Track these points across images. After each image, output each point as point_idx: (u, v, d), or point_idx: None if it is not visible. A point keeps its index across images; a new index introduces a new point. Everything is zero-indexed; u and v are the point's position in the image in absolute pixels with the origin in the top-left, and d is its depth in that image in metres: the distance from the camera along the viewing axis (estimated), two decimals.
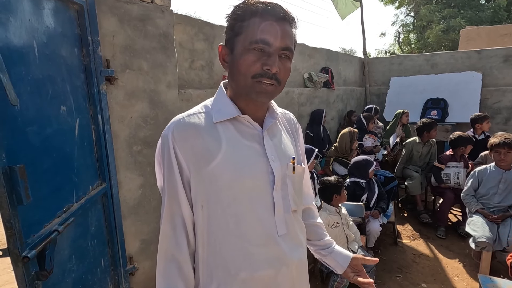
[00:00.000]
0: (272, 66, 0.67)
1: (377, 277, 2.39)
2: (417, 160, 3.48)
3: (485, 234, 2.19)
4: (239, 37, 0.69)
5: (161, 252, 0.75)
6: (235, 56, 0.70)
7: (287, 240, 0.76)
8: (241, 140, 0.73)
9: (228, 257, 0.72)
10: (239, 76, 0.70)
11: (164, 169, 0.73)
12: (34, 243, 1.00)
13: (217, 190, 0.71)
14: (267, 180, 0.74)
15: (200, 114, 0.74)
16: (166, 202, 0.74)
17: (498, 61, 4.86)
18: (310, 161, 2.32)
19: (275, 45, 0.67)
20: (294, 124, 0.91)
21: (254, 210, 0.73)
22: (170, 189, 0.73)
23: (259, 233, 0.73)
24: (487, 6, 13.46)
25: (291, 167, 0.78)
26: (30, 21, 1.06)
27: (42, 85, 1.11)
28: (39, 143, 1.08)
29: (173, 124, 0.73)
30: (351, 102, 5.64)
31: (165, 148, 0.72)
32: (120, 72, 1.65)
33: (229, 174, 0.70)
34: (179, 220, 0.73)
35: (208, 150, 0.70)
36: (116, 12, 1.60)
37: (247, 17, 0.68)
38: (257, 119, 0.77)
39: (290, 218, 0.78)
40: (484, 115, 3.57)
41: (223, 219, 0.72)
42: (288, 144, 0.83)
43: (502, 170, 2.40)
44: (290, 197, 0.78)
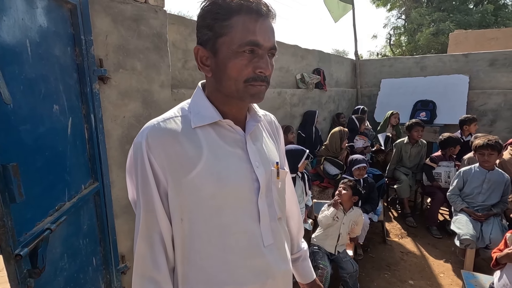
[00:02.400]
0: (265, 69, 0.63)
1: (366, 274, 2.45)
2: (407, 161, 3.53)
3: (469, 232, 2.27)
4: (223, 38, 0.62)
5: (137, 274, 0.68)
6: (221, 60, 0.64)
7: (274, 250, 0.73)
8: (223, 146, 0.68)
9: (211, 272, 0.67)
10: (228, 81, 0.64)
11: (138, 181, 0.66)
12: (27, 241, 1.01)
13: (198, 201, 0.65)
14: (251, 188, 0.70)
15: (176, 118, 0.68)
16: (142, 217, 0.66)
17: (484, 64, 5.00)
18: (301, 162, 2.36)
19: (265, 45, 0.63)
20: (275, 126, 0.88)
21: (238, 221, 0.68)
22: (146, 202, 0.66)
23: (244, 245, 0.69)
24: (475, 11, 13.80)
25: (275, 172, 0.74)
26: (23, 20, 1.07)
27: (35, 84, 1.12)
28: (32, 142, 1.09)
29: (147, 130, 0.65)
30: (343, 103, 5.72)
31: (138, 157, 0.65)
32: (113, 71, 1.65)
33: (211, 183, 0.65)
34: (156, 237, 0.67)
35: (188, 158, 0.64)
36: (109, 12, 1.60)
37: (229, 16, 0.61)
38: (239, 122, 0.72)
39: (276, 227, 0.75)
40: (472, 117, 3.68)
41: (205, 231, 0.67)
42: (271, 148, 0.79)
43: (485, 171, 2.49)
44: (275, 204, 0.75)
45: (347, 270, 2.09)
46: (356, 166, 2.75)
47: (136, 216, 0.69)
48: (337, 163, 3.26)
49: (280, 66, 4.02)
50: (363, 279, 2.39)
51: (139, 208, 0.67)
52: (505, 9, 14.27)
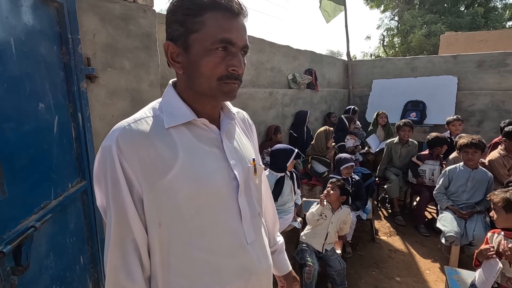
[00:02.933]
0: (239, 67, 0.63)
1: (355, 272, 2.49)
2: (397, 161, 3.57)
3: (454, 229, 2.32)
4: (195, 35, 0.61)
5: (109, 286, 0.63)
6: (193, 57, 0.62)
7: (256, 247, 0.74)
8: (199, 146, 0.66)
9: (193, 275, 0.65)
10: (201, 78, 0.63)
11: (109, 187, 0.62)
12: (10, 239, 1.01)
13: (176, 204, 0.63)
14: (230, 187, 0.69)
15: (148, 118, 0.65)
16: (113, 225, 0.63)
17: (472, 66, 5.10)
18: (289, 161, 2.39)
19: (238, 44, 0.62)
20: (249, 123, 0.88)
21: (219, 221, 0.67)
22: (117, 209, 0.62)
23: (227, 244, 0.68)
24: (466, 13, 14.06)
25: (253, 169, 0.75)
26: (7, 18, 1.07)
27: (20, 82, 1.12)
28: (16, 140, 1.09)
29: (117, 133, 0.61)
30: (335, 104, 5.77)
31: (107, 162, 0.61)
32: (101, 70, 1.66)
33: (189, 185, 0.63)
34: (130, 245, 0.63)
35: (163, 160, 0.62)
36: (97, 11, 1.61)
37: (201, 12, 0.60)
38: (213, 121, 0.71)
39: (257, 223, 0.75)
40: (456, 118, 3.75)
41: (185, 235, 0.65)
42: (247, 145, 0.80)
43: (470, 170, 2.55)
44: (254, 200, 0.75)
45: (334, 268, 2.12)
46: (345, 165, 2.79)
47: (107, 225, 0.65)
48: (324, 161, 3.30)
49: (271, 66, 4.05)
50: (352, 277, 2.42)
51: (110, 215, 0.63)
52: (494, 12, 14.56)
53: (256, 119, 3.62)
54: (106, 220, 0.66)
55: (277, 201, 2.41)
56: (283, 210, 2.42)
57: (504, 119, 3.87)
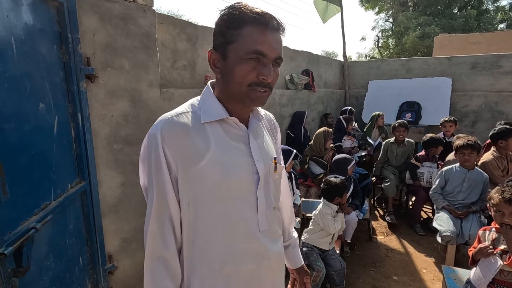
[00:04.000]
0: (268, 76, 0.70)
1: (352, 271, 2.51)
2: (393, 160, 3.61)
3: (450, 228, 2.35)
4: (233, 45, 0.70)
5: (149, 252, 0.75)
6: (229, 64, 0.71)
7: (268, 235, 0.81)
8: (228, 141, 0.75)
9: (213, 254, 0.75)
10: (233, 83, 0.72)
11: (152, 169, 0.72)
12: (11, 240, 1.00)
13: (204, 190, 0.73)
14: (252, 180, 0.77)
15: (187, 113, 0.75)
16: (155, 201, 0.73)
17: (466, 67, 5.18)
18: (288, 162, 2.40)
19: (270, 56, 0.69)
20: (274, 124, 0.96)
21: (238, 209, 0.76)
22: (159, 188, 0.72)
23: (243, 230, 0.77)
24: (459, 15, 14.24)
25: (273, 166, 0.83)
26: (8, 17, 1.06)
27: (20, 82, 1.11)
28: (17, 140, 1.08)
29: (162, 123, 0.72)
30: (331, 104, 5.81)
31: (152, 147, 0.71)
32: (101, 70, 1.65)
33: (217, 174, 0.72)
34: (166, 219, 0.73)
35: (197, 150, 0.71)
36: (97, 10, 1.60)
37: (240, 26, 0.68)
38: (243, 120, 0.79)
39: (271, 215, 0.83)
40: (449, 119, 3.81)
41: (209, 217, 0.74)
42: (270, 144, 0.87)
43: (466, 170, 2.59)
44: (271, 195, 0.83)
45: (335, 267, 2.14)
46: (351, 164, 2.81)
47: (148, 201, 0.75)
48: (321, 163, 3.32)
49: None
50: (350, 276, 2.44)
51: (152, 193, 0.73)
52: (487, 14, 14.79)
53: None
54: (147, 198, 0.76)
55: None
56: None
57: (497, 120, 3.94)
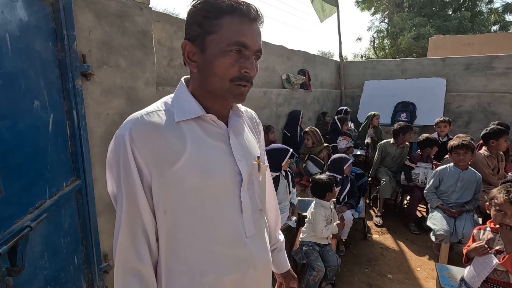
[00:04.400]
0: (251, 70, 0.66)
1: (348, 269, 2.53)
2: (390, 161, 3.60)
3: (443, 227, 2.39)
4: (212, 36, 0.64)
5: (119, 266, 0.67)
6: (208, 57, 0.66)
7: (255, 240, 0.76)
8: (206, 140, 0.70)
9: (194, 262, 0.69)
10: (214, 78, 0.66)
11: (121, 174, 0.66)
12: (5, 239, 0.98)
13: (182, 193, 0.67)
14: (234, 181, 0.72)
15: (160, 112, 0.68)
16: (124, 210, 0.66)
17: (460, 68, 5.25)
18: (284, 161, 2.40)
19: (252, 47, 0.65)
20: (256, 122, 0.91)
21: (222, 212, 0.70)
22: (129, 195, 0.66)
23: (227, 235, 0.71)
24: (454, 17, 14.41)
25: (257, 166, 0.77)
26: (2, 13, 1.04)
27: (15, 79, 1.09)
28: (11, 138, 1.06)
29: (130, 123, 0.65)
30: (327, 104, 5.83)
31: (120, 150, 0.65)
32: (96, 68, 1.63)
33: (196, 175, 0.66)
34: (139, 229, 0.67)
35: (172, 151, 0.65)
36: (93, 8, 1.58)
37: (220, 15, 0.64)
38: (222, 118, 0.74)
39: (257, 218, 0.77)
40: (443, 119, 3.85)
41: (189, 223, 0.68)
42: (253, 142, 0.82)
43: (459, 170, 2.62)
44: (256, 196, 0.77)
45: (330, 263, 2.16)
46: (347, 163, 2.83)
47: (117, 209, 0.68)
48: (318, 163, 3.34)
49: (266, 66, 4.06)
50: (345, 274, 2.46)
51: (121, 200, 0.67)
52: (481, 16, 14.99)
53: None
54: (116, 206, 0.69)
55: None
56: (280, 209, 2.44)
57: (491, 120, 4.00)
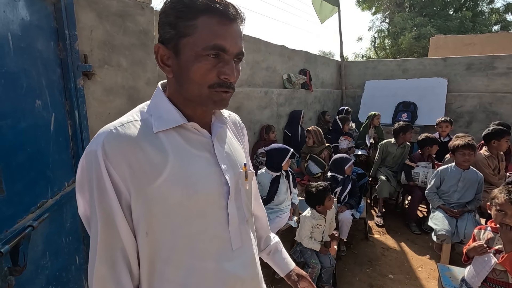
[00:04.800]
0: (230, 75, 0.60)
1: (349, 269, 2.53)
2: (391, 161, 3.59)
3: (445, 227, 2.38)
4: (186, 39, 0.58)
5: None
6: (184, 62, 0.60)
7: (242, 254, 0.71)
8: (189, 150, 0.64)
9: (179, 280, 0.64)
10: (191, 84, 0.61)
11: (94, 194, 0.58)
12: (7, 238, 0.98)
13: (165, 211, 0.61)
14: (221, 192, 0.67)
15: (135, 122, 0.62)
16: (100, 235, 0.59)
17: (461, 68, 5.24)
18: (285, 161, 2.40)
19: (231, 51, 0.60)
20: (240, 126, 0.85)
21: (208, 227, 0.65)
22: (105, 218, 0.59)
23: (213, 250, 0.66)
24: (455, 17, 14.39)
25: (244, 174, 0.73)
26: (4, 12, 1.04)
27: (17, 78, 1.09)
28: (13, 137, 1.06)
29: (103, 137, 0.58)
30: (328, 104, 5.83)
31: (93, 167, 0.57)
32: (98, 67, 1.63)
33: (179, 191, 0.61)
34: (118, 255, 0.60)
35: (152, 165, 0.59)
36: (94, 7, 1.58)
37: (195, 15, 0.57)
38: (204, 125, 0.69)
39: (244, 229, 0.73)
40: (444, 119, 3.84)
41: (172, 242, 0.62)
42: (239, 149, 0.77)
43: (461, 170, 2.62)
44: (244, 206, 0.73)
45: (323, 264, 2.16)
46: (348, 164, 2.82)
47: (92, 235, 0.61)
48: (320, 162, 3.33)
49: (267, 65, 4.06)
50: (346, 274, 2.46)
51: (96, 225, 0.59)
52: (482, 16, 14.96)
53: (251, 118, 3.62)
54: (89, 230, 0.62)
55: (274, 200, 2.42)
56: (279, 209, 2.44)
57: (492, 120, 4.00)
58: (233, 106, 3.17)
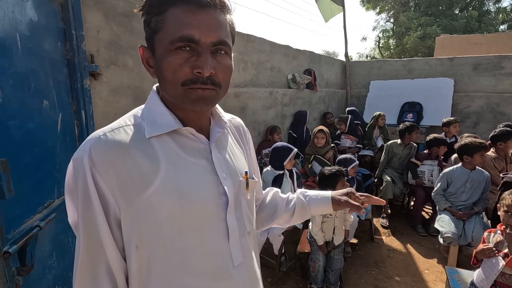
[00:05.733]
0: (203, 68, 0.53)
1: (354, 271, 2.51)
2: (396, 162, 3.56)
3: (451, 230, 2.35)
4: (158, 34, 0.55)
5: None
6: (157, 60, 0.56)
7: (243, 270, 0.65)
8: (184, 157, 0.59)
9: None
10: (166, 84, 0.57)
11: (79, 203, 0.55)
12: (15, 238, 0.99)
13: (156, 224, 0.56)
14: (219, 203, 0.62)
15: (127, 127, 0.58)
16: (83, 246, 0.55)
17: (468, 68, 5.18)
18: (287, 160, 2.39)
19: (203, 40, 0.53)
20: (243, 131, 0.79)
21: (204, 241, 0.60)
22: (88, 229, 0.55)
23: (211, 267, 0.61)
24: (461, 16, 14.26)
25: (244, 183, 0.67)
26: (13, 13, 1.05)
27: (25, 78, 1.10)
28: (21, 138, 1.07)
29: (90, 143, 0.54)
30: (333, 104, 5.80)
31: (79, 176, 0.54)
32: (104, 67, 1.64)
33: (171, 202, 0.56)
34: (102, 268, 0.56)
35: (142, 174, 0.55)
36: (101, 7, 1.59)
37: (164, 8, 0.53)
38: (202, 129, 0.64)
39: (245, 243, 0.67)
40: (452, 119, 3.80)
41: (165, 257, 0.58)
42: (239, 156, 0.72)
43: (468, 171, 2.58)
44: (245, 218, 0.68)
45: (332, 267, 2.15)
46: (351, 165, 2.80)
47: (76, 244, 0.58)
48: (324, 163, 3.32)
49: (271, 66, 4.05)
50: (351, 276, 2.44)
51: (79, 234, 0.56)
52: (488, 15, 14.80)
53: (256, 119, 3.61)
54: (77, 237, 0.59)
55: None
56: None
57: (499, 121, 3.94)
58: (238, 106, 3.16)
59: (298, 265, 2.48)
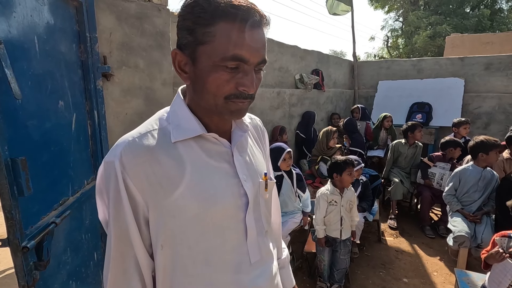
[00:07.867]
0: (250, 87, 0.56)
1: (362, 272, 2.50)
2: (402, 162, 3.55)
3: (465, 229, 2.33)
4: (204, 47, 0.55)
5: None
6: (200, 71, 0.57)
7: (260, 267, 0.69)
8: (207, 161, 0.62)
9: None
10: (206, 94, 0.58)
11: (110, 204, 0.59)
12: (33, 234, 1.03)
13: (182, 225, 0.59)
14: (239, 204, 0.65)
15: (154, 132, 0.60)
16: (113, 243, 0.60)
17: (480, 68, 5.08)
18: (280, 160, 2.36)
19: (252, 61, 0.55)
20: (261, 131, 0.81)
21: (225, 241, 0.64)
22: (118, 228, 0.59)
23: (231, 263, 0.64)
24: (472, 15, 13.97)
25: (264, 184, 0.70)
26: (31, 16, 1.08)
27: (42, 80, 1.14)
28: (39, 137, 1.11)
29: (121, 148, 0.57)
30: (340, 104, 5.77)
31: (111, 178, 0.57)
32: (116, 68, 1.67)
33: (196, 204, 0.59)
34: (131, 262, 0.60)
35: (169, 178, 0.58)
36: (114, 10, 1.62)
37: (212, 22, 0.53)
38: (224, 133, 0.66)
39: (263, 241, 0.71)
40: (462, 120, 3.73)
41: (189, 258, 0.61)
42: (259, 157, 0.74)
43: (480, 169, 2.55)
44: (263, 218, 0.71)
45: (337, 266, 2.15)
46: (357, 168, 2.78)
47: (107, 241, 0.61)
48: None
49: (279, 66, 4.05)
50: (359, 277, 2.43)
51: (110, 233, 0.60)
52: (500, 14, 14.48)
53: (263, 119, 3.63)
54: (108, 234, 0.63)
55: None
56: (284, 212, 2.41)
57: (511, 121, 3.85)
58: None
59: (305, 265, 2.48)
